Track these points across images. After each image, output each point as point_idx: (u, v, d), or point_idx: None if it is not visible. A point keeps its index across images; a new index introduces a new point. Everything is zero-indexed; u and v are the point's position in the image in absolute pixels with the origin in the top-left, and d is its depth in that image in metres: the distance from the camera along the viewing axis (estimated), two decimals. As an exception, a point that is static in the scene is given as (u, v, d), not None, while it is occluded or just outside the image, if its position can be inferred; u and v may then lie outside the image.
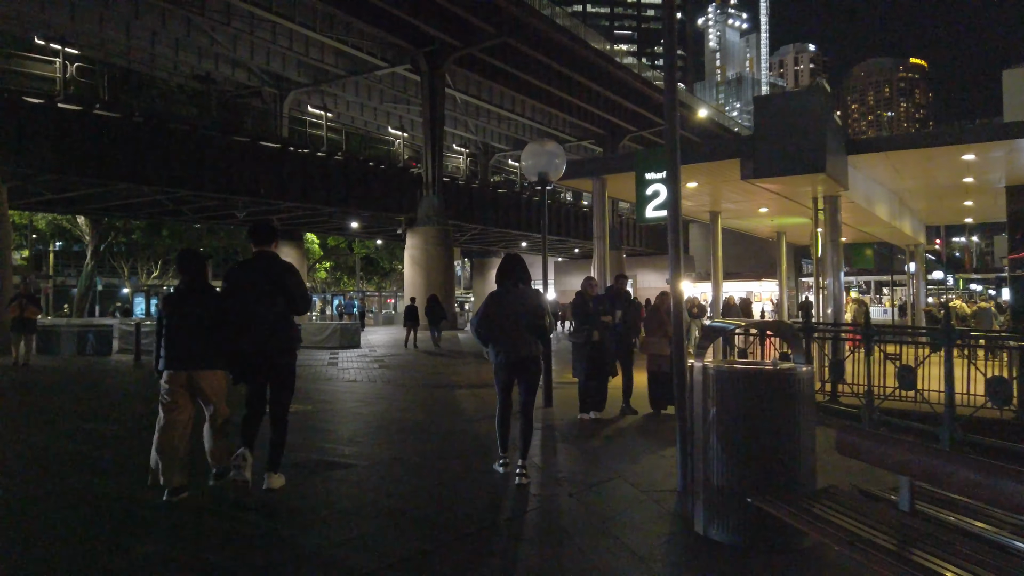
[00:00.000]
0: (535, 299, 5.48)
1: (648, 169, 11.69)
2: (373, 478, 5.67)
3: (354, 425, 8.01)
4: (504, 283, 5.53)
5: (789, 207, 16.97)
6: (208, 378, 5.01)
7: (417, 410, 9.34)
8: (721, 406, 3.87)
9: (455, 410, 9.20)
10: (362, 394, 10.75)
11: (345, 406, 9.58)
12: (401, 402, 10.09)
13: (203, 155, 25.16)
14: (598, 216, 12.83)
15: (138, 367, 16.22)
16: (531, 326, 5.40)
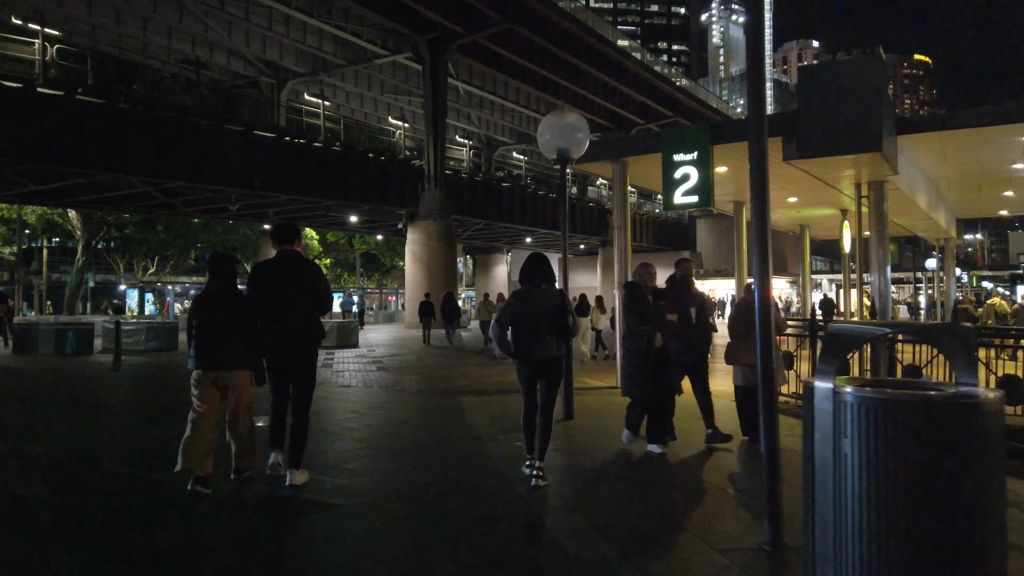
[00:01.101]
0: (559, 299, 5.38)
1: (676, 150, 10.44)
2: (360, 526, 4.41)
3: (342, 444, 6.76)
4: (528, 282, 5.44)
5: (819, 197, 15.72)
6: (235, 378, 5.16)
7: (418, 423, 8.10)
8: (870, 450, 2.61)
9: (462, 423, 7.95)
10: (355, 402, 9.51)
11: (334, 418, 8.33)
12: (400, 412, 8.84)
13: (194, 145, 23.91)
14: (619, 204, 11.56)
15: (116, 369, 15.00)
16: (554, 326, 5.30)
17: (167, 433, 7.38)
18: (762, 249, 3.94)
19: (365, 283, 58.49)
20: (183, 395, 10.52)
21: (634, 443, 6.69)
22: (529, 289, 5.39)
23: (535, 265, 5.43)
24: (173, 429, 7.52)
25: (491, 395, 10.34)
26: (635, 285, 6.57)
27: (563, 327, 5.30)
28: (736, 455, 6.47)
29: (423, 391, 10.86)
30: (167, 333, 20.04)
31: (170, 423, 8.02)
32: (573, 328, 5.40)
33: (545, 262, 5.48)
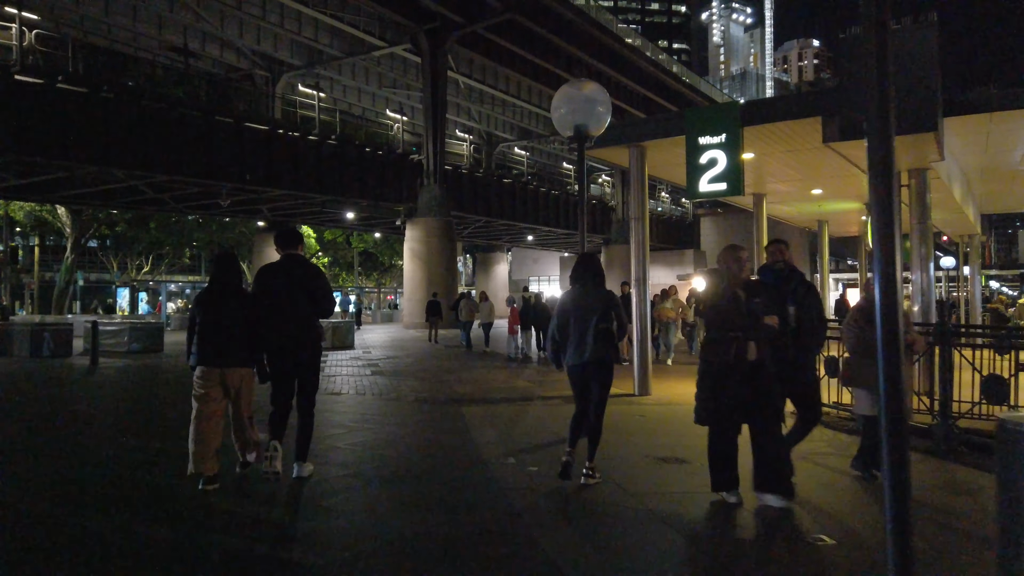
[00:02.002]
0: (607, 300, 5.28)
1: (702, 132, 9.38)
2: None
3: (323, 471, 5.70)
4: (576, 284, 5.39)
5: (846, 188, 14.68)
6: (237, 374, 5.24)
7: (414, 441, 7.04)
8: None
9: (466, 441, 6.88)
10: (344, 414, 8.45)
11: (318, 434, 7.24)
12: (394, 427, 7.78)
13: (182, 137, 22.84)
14: (636, 193, 10.49)
15: (93, 372, 13.95)
16: (598, 330, 5.16)
17: (134, 455, 6.33)
18: (885, 236, 2.87)
19: (364, 282, 57.41)
20: (161, 403, 9.39)
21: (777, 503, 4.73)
22: (578, 290, 5.33)
23: (584, 266, 5.37)
24: (141, 450, 6.50)
25: (497, 404, 9.29)
26: (716, 273, 4.91)
27: (607, 331, 5.16)
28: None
29: (421, 400, 9.81)
30: (152, 334, 18.98)
31: (140, 439, 6.97)
32: (622, 330, 5.32)
33: (595, 262, 5.43)
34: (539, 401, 9.67)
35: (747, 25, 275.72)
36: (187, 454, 5.11)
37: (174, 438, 7.02)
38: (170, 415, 8.65)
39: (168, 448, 6.59)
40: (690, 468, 5.79)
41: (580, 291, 5.33)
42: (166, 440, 6.99)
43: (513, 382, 11.93)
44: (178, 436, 6.95)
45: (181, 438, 5.43)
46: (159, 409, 9.35)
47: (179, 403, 9.58)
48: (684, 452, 6.33)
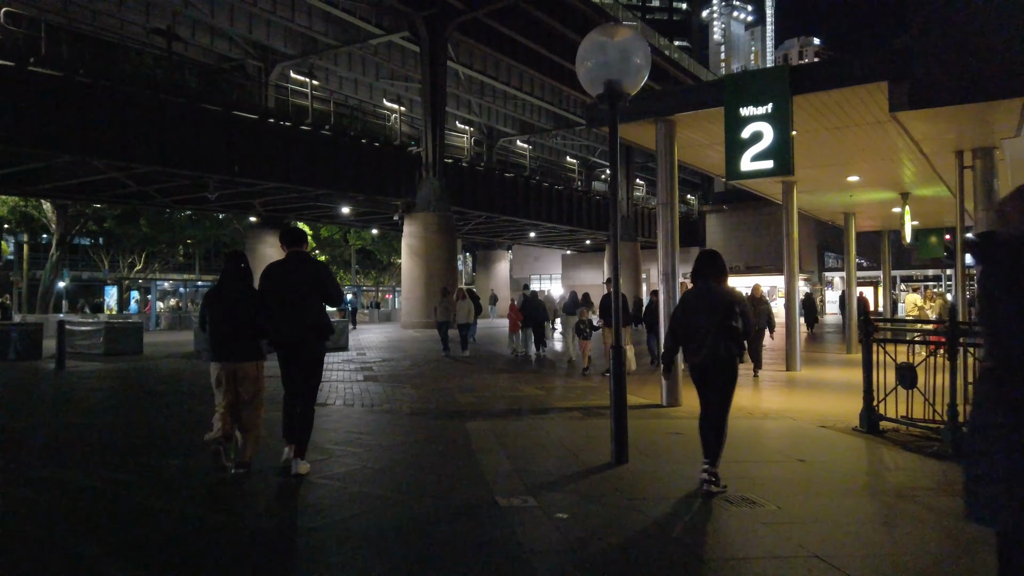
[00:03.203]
0: (729, 298, 5.08)
1: (745, 101, 8.07)
2: None
3: (287, 522, 4.38)
4: (698, 281, 5.21)
5: (885, 175, 13.38)
6: (247, 369, 5.40)
7: (408, 474, 5.70)
8: None
9: (471, 472, 5.54)
10: (327, 432, 7.13)
11: (273, 466, 5.94)
12: (384, 451, 6.44)
13: (166, 125, 21.51)
14: (664, 175, 9.13)
15: (56, 376, 12.63)
16: (723, 327, 4.97)
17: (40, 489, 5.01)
18: None
19: (361, 280, 56.07)
20: (114, 418, 8.00)
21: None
22: (700, 288, 5.19)
23: (705, 263, 5.22)
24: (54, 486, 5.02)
25: (506, 419, 7.96)
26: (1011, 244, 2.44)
27: (730, 329, 4.97)
28: None
29: (418, 412, 8.48)
30: (130, 334, 17.65)
31: (61, 468, 5.62)
32: (748, 328, 5.08)
33: (718, 259, 5.26)
34: (555, 414, 8.35)
35: (748, 23, 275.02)
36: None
37: (110, 467, 5.71)
38: (117, 437, 7.33)
39: (95, 483, 5.27)
40: (765, 514, 4.46)
41: (702, 289, 5.16)
42: (98, 468, 5.67)
43: (521, 389, 10.61)
44: (119, 466, 5.68)
45: (120, 469, 5.32)
46: (108, 426, 8.02)
47: (136, 419, 8.25)
48: (748, 487, 5.02)
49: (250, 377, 5.42)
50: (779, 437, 7.15)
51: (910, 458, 6.10)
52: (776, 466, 5.77)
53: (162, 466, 5.84)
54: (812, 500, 4.77)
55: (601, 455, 5.94)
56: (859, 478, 5.54)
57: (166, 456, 6.22)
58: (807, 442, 6.79)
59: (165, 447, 6.68)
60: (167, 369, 14.14)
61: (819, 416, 8.14)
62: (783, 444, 6.77)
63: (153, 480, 5.40)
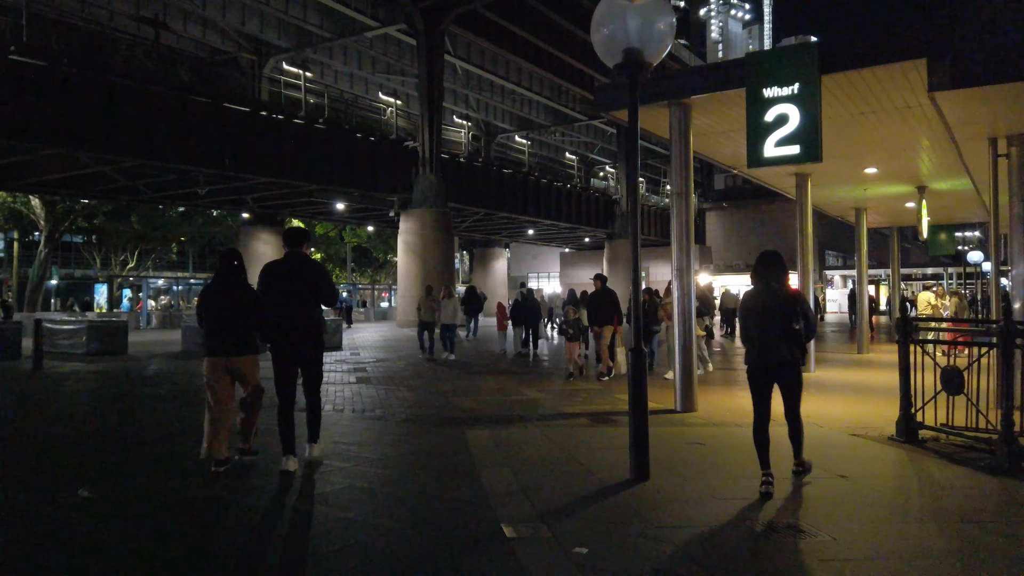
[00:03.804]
0: (791, 300, 4.97)
1: (769, 81, 7.42)
2: None
3: (260, 559, 3.73)
4: (760, 282, 5.13)
5: (905, 167, 12.73)
6: (243, 363, 5.53)
7: (400, 493, 5.04)
8: None
9: (472, 492, 4.89)
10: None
11: (268, 483, 5.30)
12: (373, 467, 5.77)
13: (154, 117, 20.78)
14: (678, 163, 8.48)
15: (31, 377, 11.95)
16: (785, 329, 4.90)
17: None
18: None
19: (358, 279, 55.37)
20: (91, 425, 7.39)
21: None
22: (760, 289, 5.13)
23: (767, 264, 5.14)
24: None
25: (509, 427, 7.31)
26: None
27: (792, 332, 4.94)
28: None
29: (413, 419, 7.82)
30: (113, 334, 16.95)
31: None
32: (811, 330, 5.05)
33: (779, 261, 5.16)
34: (561, 421, 7.70)
35: (745, 21, 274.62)
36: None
37: (46, 490, 5.04)
38: (80, 447, 6.66)
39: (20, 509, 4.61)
40: (819, 547, 3.81)
41: (764, 290, 5.10)
42: (42, 491, 5.01)
43: (522, 392, 9.96)
44: (64, 485, 5.01)
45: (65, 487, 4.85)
46: (68, 435, 7.35)
47: (104, 426, 7.56)
48: (791, 511, 4.37)
49: (246, 369, 5.56)
50: (809, 448, 6.48)
51: (962, 473, 5.46)
52: (816, 484, 5.12)
53: (126, 485, 5.18)
54: (868, 528, 4.12)
55: (617, 470, 5.30)
56: (912, 498, 4.89)
57: (132, 474, 5.56)
58: (841, 454, 6.15)
59: (131, 462, 6.01)
60: (150, 370, 13.46)
61: (846, 422, 7.51)
62: (816, 456, 6.11)
63: (105, 506, 4.74)
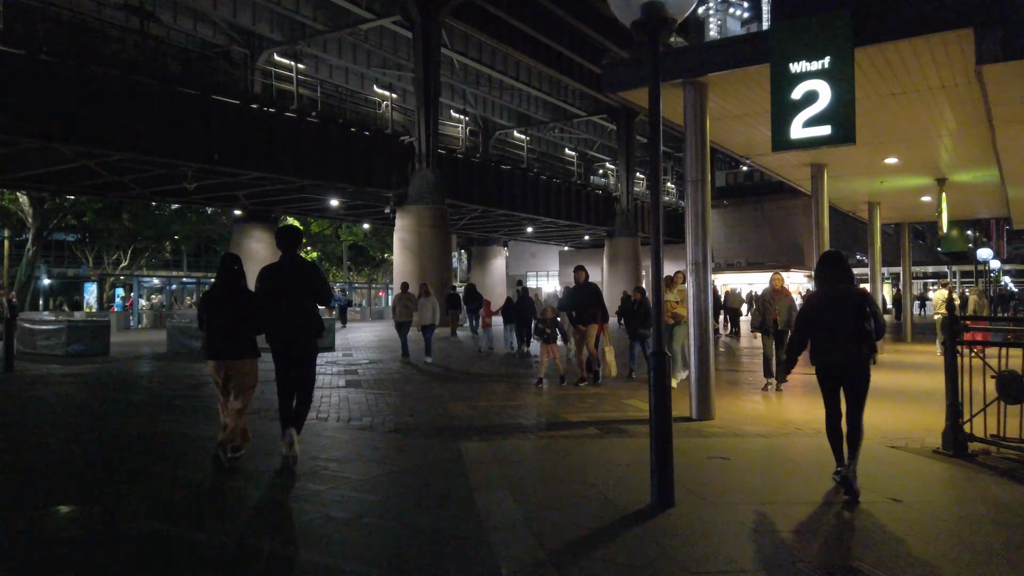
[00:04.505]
0: (858, 299, 4.93)
1: (796, 55, 6.71)
2: None
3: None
4: (823, 284, 5.09)
5: (925, 157, 12.03)
6: (239, 367, 5.63)
7: (384, 525, 4.30)
8: None
9: (473, 527, 4.15)
10: (274, 466, 5.75)
11: (228, 511, 4.57)
12: (354, 491, 5.02)
13: (140, 110, 19.98)
14: (694, 146, 7.75)
15: (2, 379, 11.23)
16: (856, 329, 4.83)
17: None
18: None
19: (354, 278, 54.60)
20: (46, 437, 6.60)
21: None
22: (828, 289, 5.05)
23: (832, 264, 5.12)
24: None
25: (508, 438, 6.58)
26: None
27: (862, 332, 4.82)
28: None
29: (403, 429, 7.09)
30: (95, 334, 16.19)
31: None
32: (880, 329, 4.93)
33: (841, 261, 5.15)
34: (566, 431, 6.97)
35: (744, 19, 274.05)
36: None
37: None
38: (26, 470, 5.92)
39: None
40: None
41: (831, 290, 5.06)
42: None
43: (523, 397, 9.23)
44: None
45: None
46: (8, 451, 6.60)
47: (63, 438, 6.81)
48: (847, 548, 3.65)
49: (244, 373, 5.65)
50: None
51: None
52: (868, 511, 4.40)
53: (72, 514, 4.45)
54: (948, 573, 3.40)
55: (636, 494, 4.57)
56: (987, 529, 4.15)
57: (77, 497, 4.83)
58: (887, 471, 5.43)
59: (84, 482, 5.28)
60: (130, 373, 12.72)
61: (879, 432, 6.78)
62: (860, 473, 5.39)
63: (38, 543, 4.00)
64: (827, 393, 5.07)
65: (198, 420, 7.64)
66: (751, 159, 11.86)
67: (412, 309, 14.81)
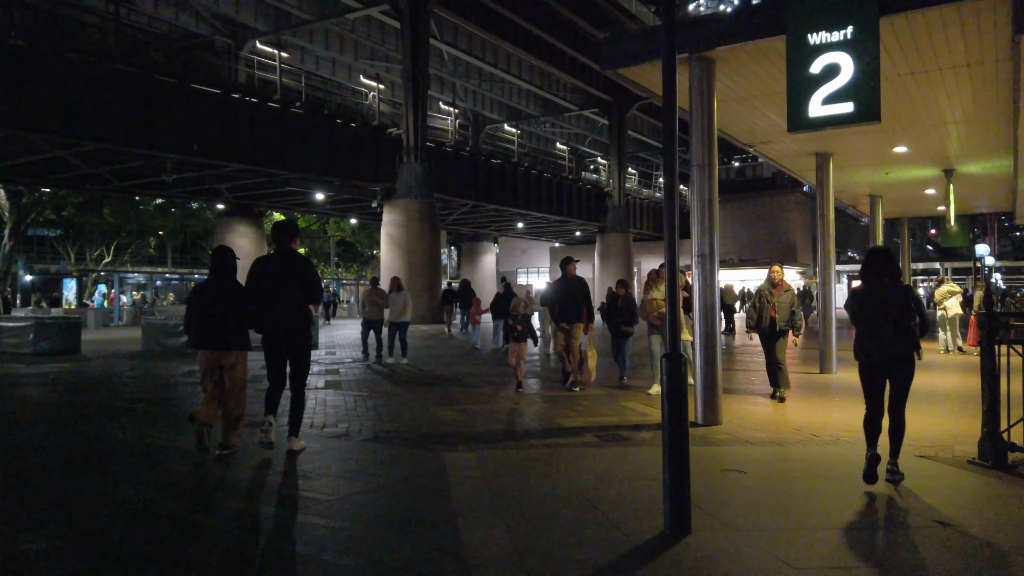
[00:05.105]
0: (904, 295, 5.02)
1: (815, 25, 6.09)
2: None
3: None
4: (870, 279, 5.11)
5: (934, 146, 11.47)
6: (230, 358, 5.67)
7: (352, 564, 3.66)
8: None
9: (458, 563, 3.52)
10: (249, 470, 5.08)
11: (171, 533, 3.91)
12: (323, 512, 4.37)
13: (115, 98, 19.17)
14: (701, 125, 7.12)
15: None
16: (902, 325, 4.86)
17: None
18: None
19: (342, 274, 53.81)
20: None
21: None
22: (873, 285, 5.07)
23: (878, 261, 5.12)
24: None
25: (498, 447, 5.93)
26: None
27: (907, 329, 4.85)
28: None
29: (381, 437, 6.43)
30: (65, 332, 15.45)
31: None
32: (925, 324, 5.09)
33: (891, 256, 5.20)
34: (562, 439, 6.34)
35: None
36: None
37: None
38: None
39: None
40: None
41: (876, 286, 5.07)
42: None
43: (514, 399, 8.59)
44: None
45: None
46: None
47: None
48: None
49: (233, 365, 5.66)
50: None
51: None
52: (915, 540, 3.78)
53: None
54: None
55: (646, 517, 3.95)
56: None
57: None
58: (923, 485, 4.82)
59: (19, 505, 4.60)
60: (99, 372, 12.00)
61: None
62: (884, 488, 4.79)
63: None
64: (869, 389, 5.05)
65: (155, 427, 6.96)
66: (755, 146, 11.25)
67: (383, 306, 13.77)
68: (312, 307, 6.80)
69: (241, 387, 5.75)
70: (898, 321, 4.88)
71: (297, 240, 5.95)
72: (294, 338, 5.67)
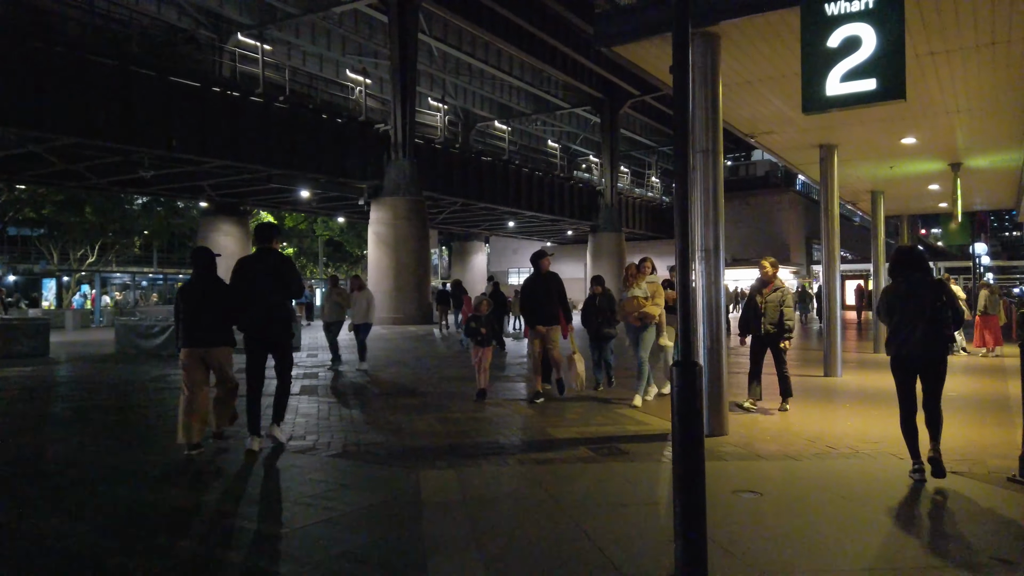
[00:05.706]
0: (935, 292, 4.88)
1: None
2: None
3: None
4: (900, 276, 5.07)
5: (943, 138, 10.92)
6: (218, 354, 5.90)
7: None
8: None
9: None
10: (198, 492, 4.43)
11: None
12: (273, 557, 3.74)
13: (90, 90, 18.43)
14: (705, 105, 6.51)
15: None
16: (934, 322, 4.82)
17: None
18: None
19: (331, 274, 53.01)
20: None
21: None
22: (904, 282, 5.01)
23: (909, 258, 5.09)
24: None
25: (480, 464, 5.29)
26: None
27: (943, 323, 4.83)
28: None
29: (351, 452, 5.78)
30: (33, 334, 14.72)
31: None
32: (958, 320, 5.03)
33: (920, 254, 5.19)
34: (552, 454, 5.70)
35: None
36: None
37: None
38: None
39: None
40: None
41: (907, 283, 4.97)
42: None
43: (499, 405, 7.95)
44: None
45: None
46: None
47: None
48: None
49: (221, 359, 5.90)
50: (900, 497, 4.57)
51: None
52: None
53: None
54: None
55: (651, 554, 3.33)
56: None
57: None
58: (963, 509, 4.23)
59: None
60: (63, 376, 11.32)
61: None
62: (923, 512, 4.18)
63: None
64: (902, 385, 5.03)
65: (111, 442, 6.30)
66: (756, 137, 10.66)
67: (344, 307, 12.82)
68: (296, 307, 6.56)
69: (230, 377, 5.97)
70: (932, 317, 4.83)
71: (277, 239, 6.10)
72: (277, 333, 5.88)
